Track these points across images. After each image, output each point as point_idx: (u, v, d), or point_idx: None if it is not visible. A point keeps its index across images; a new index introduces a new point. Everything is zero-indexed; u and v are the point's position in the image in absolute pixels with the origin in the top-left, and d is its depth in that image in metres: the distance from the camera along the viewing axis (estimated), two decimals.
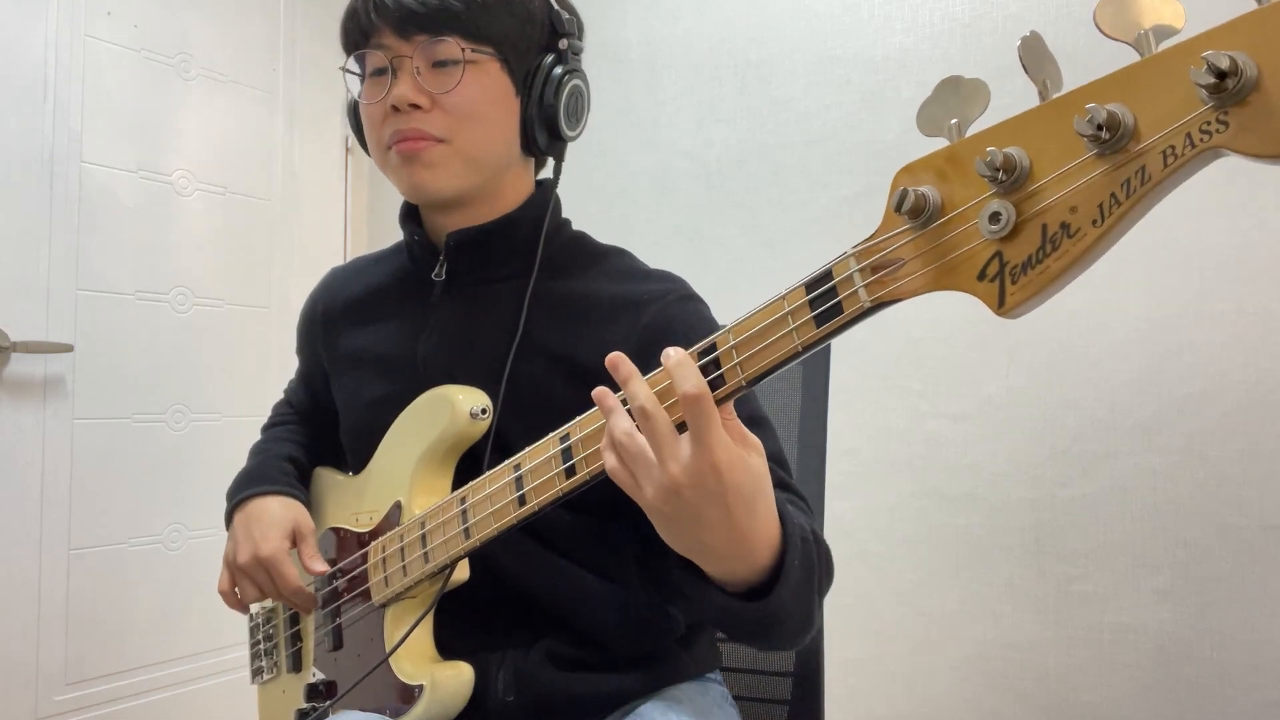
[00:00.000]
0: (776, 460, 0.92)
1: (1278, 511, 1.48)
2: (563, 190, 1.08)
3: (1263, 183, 1.50)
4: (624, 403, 0.71)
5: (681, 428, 0.67)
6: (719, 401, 0.68)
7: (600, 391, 0.72)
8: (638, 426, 0.68)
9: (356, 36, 0.98)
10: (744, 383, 0.68)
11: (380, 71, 0.97)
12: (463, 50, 0.93)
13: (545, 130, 1.01)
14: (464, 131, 0.96)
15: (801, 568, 0.73)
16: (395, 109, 0.95)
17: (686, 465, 0.65)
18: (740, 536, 0.68)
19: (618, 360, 0.70)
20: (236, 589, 1.07)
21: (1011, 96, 0.67)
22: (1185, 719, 1.54)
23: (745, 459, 0.67)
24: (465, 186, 0.99)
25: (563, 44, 1.01)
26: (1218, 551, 1.52)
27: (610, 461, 0.70)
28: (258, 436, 1.24)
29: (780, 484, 0.90)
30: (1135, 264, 1.59)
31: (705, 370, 0.69)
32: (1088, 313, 1.64)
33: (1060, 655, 1.65)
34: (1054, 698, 1.65)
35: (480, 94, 0.96)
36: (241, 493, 1.10)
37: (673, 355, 0.67)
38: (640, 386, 0.68)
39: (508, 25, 0.96)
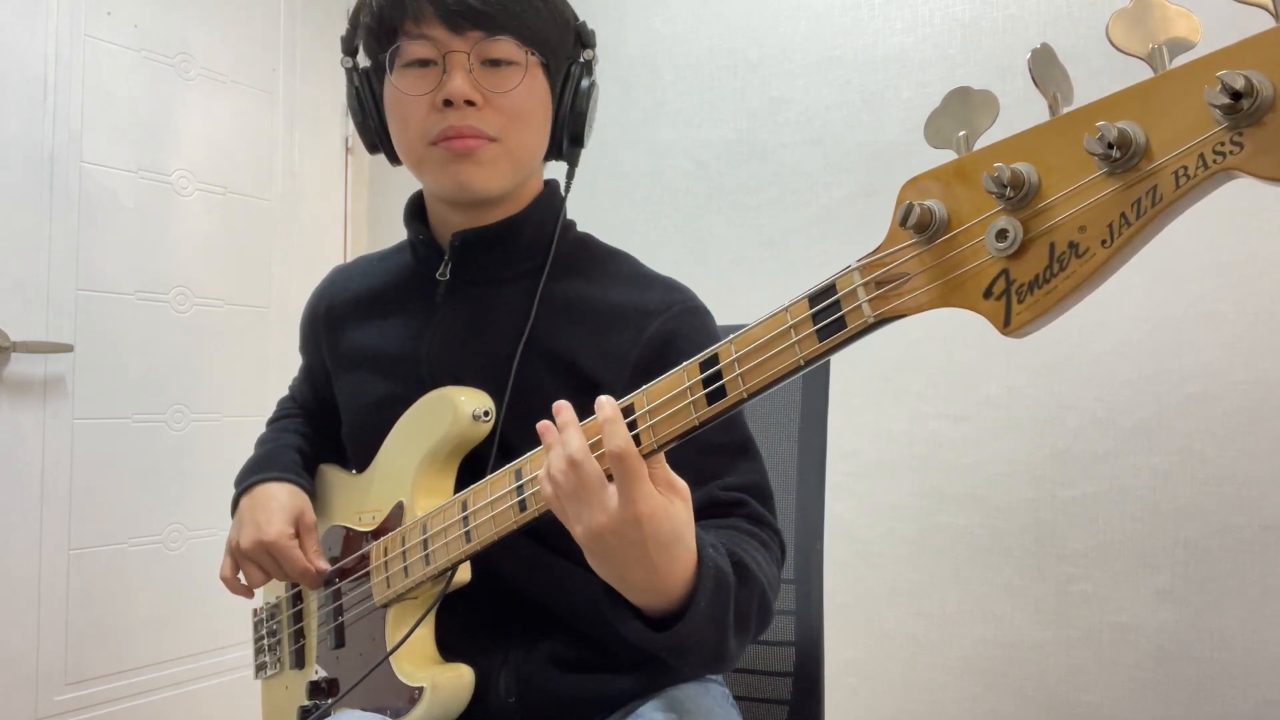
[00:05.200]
0: (755, 492, 0.94)
1: (1278, 511, 1.48)
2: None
3: (1263, 184, 1.49)
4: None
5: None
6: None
7: (543, 426, 0.76)
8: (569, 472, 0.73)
9: (395, 25, 0.94)
10: (745, 394, 0.68)
11: (424, 63, 0.94)
12: (523, 51, 0.94)
13: (570, 137, 1.03)
14: (515, 132, 0.96)
15: (712, 606, 0.76)
16: (447, 103, 0.92)
17: (611, 514, 0.70)
18: (656, 575, 0.73)
19: (560, 407, 0.75)
20: (240, 574, 1.07)
21: (1012, 98, 0.66)
22: (1185, 719, 1.54)
23: (668, 507, 0.72)
24: (508, 186, 0.99)
25: (587, 54, 1.02)
26: (1218, 551, 1.52)
27: (547, 490, 0.75)
28: (257, 437, 1.24)
29: (752, 518, 0.92)
30: (1135, 264, 1.56)
31: (707, 382, 0.70)
32: (1087, 313, 1.63)
33: (1060, 655, 1.65)
34: (1054, 697, 1.65)
35: (531, 96, 0.96)
36: (249, 478, 1.10)
37: (607, 408, 0.72)
38: (574, 436, 0.73)
39: (551, 30, 0.97)
